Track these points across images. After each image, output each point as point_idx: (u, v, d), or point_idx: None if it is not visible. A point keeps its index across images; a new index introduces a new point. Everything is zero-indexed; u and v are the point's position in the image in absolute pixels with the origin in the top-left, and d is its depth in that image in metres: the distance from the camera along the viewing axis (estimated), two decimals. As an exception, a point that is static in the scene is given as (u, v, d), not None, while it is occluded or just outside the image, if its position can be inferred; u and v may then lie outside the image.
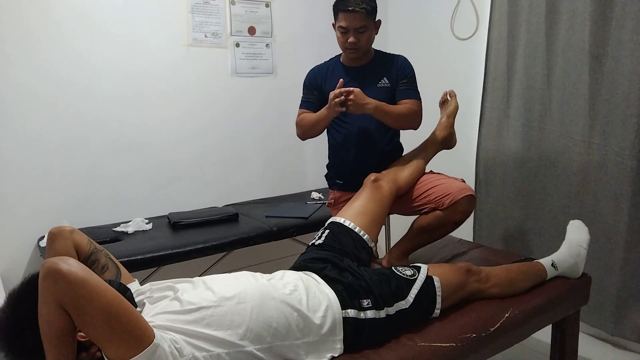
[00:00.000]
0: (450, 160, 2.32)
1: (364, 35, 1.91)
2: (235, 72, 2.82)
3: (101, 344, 1.03)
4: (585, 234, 1.80)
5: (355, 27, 1.88)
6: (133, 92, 2.52)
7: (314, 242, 1.70)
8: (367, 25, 1.89)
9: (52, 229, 1.33)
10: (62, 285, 0.97)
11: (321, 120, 1.95)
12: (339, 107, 1.82)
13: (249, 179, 2.95)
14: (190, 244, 2.15)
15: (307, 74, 2.11)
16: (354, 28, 1.88)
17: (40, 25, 2.25)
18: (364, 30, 1.90)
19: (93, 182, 2.45)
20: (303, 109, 2.08)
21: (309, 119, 2.01)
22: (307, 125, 2.02)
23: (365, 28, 1.89)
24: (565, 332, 1.81)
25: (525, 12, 2.32)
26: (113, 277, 1.38)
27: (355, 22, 1.87)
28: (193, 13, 2.64)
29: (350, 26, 1.88)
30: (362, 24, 1.87)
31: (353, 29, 1.88)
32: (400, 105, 1.97)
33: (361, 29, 1.89)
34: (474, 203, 1.89)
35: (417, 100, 1.99)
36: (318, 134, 2.06)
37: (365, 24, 1.88)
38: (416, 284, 1.48)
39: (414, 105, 1.97)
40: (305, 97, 2.09)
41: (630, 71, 1.95)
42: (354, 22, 1.87)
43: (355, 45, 1.91)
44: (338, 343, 1.33)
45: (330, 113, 1.88)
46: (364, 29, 1.89)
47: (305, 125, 2.02)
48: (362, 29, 1.89)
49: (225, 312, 1.21)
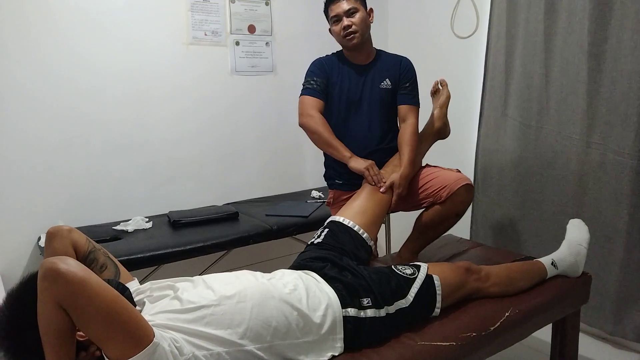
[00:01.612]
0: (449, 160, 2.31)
1: (356, 17, 1.94)
2: (235, 70, 2.81)
3: (101, 343, 1.03)
4: (585, 233, 1.80)
5: (344, 10, 1.93)
6: (132, 91, 2.51)
7: (313, 241, 1.70)
8: (356, 7, 1.95)
9: (50, 229, 1.33)
10: (61, 285, 0.97)
11: (337, 154, 1.96)
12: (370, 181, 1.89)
13: (249, 178, 2.95)
14: (190, 242, 2.15)
15: (313, 62, 2.06)
16: (344, 11, 1.93)
17: (40, 24, 2.24)
18: (355, 11, 1.94)
19: (93, 180, 2.45)
20: (309, 97, 1.98)
21: (328, 138, 1.95)
22: (321, 139, 1.96)
23: (356, 9, 1.95)
24: (566, 331, 1.81)
25: (524, 11, 2.32)
26: (112, 276, 1.38)
27: (344, 5, 1.93)
28: (193, 11, 2.64)
29: (340, 11, 1.93)
30: (350, 6, 1.94)
31: (344, 13, 1.93)
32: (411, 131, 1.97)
33: (351, 10, 1.94)
34: (472, 191, 1.90)
35: (416, 106, 2.03)
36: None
37: (354, 6, 1.94)
38: (416, 282, 1.47)
39: (414, 118, 2.00)
40: (310, 84, 2.00)
41: (630, 70, 1.94)
42: (341, 6, 1.93)
43: (350, 27, 1.93)
44: (338, 342, 1.33)
45: (352, 168, 1.93)
46: (354, 9, 1.94)
47: (320, 138, 1.96)
48: (352, 10, 1.94)
49: (225, 311, 1.21)
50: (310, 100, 1.98)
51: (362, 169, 1.89)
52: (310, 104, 1.98)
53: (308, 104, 1.98)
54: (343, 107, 2.02)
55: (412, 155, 1.93)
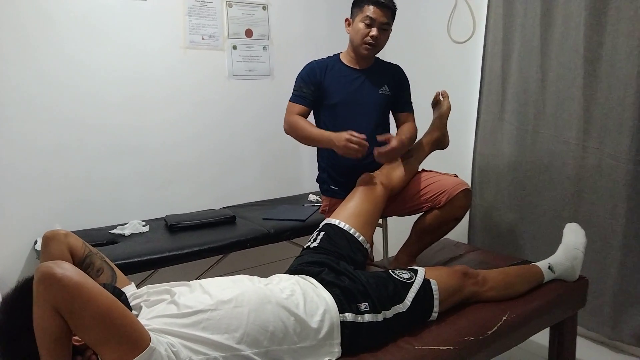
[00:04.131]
0: (446, 164, 2.32)
1: (385, 35, 1.95)
2: (232, 74, 2.82)
3: (97, 347, 1.03)
4: (582, 237, 1.81)
5: (381, 22, 1.90)
6: (130, 95, 2.51)
7: (309, 245, 1.70)
8: (390, 24, 1.94)
9: (47, 233, 1.33)
10: (56, 290, 0.96)
11: (321, 143, 1.92)
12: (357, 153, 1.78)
13: (246, 182, 2.95)
14: (187, 246, 2.15)
15: (305, 67, 2.05)
16: (380, 22, 1.90)
17: (37, 28, 2.24)
18: (387, 28, 1.93)
19: (90, 184, 2.44)
20: (295, 104, 1.99)
21: (307, 131, 1.93)
22: (302, 134, 1.95)
23: (388, 26, 1.94)
24: (563, 335, 1.81)
25: (521, 16, 2.33)
26: (108, 280, 1.37)
27: (384, 17, 1.90)
28: (190, 15, 2.64)
29: (378, 19, 1.90)
30: (388, 20, 1.92)
31: (379, 23, 1.90)
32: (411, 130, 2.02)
33: (385, 25, 1.92)
34: (470, 196, 1.90)
35: (412, 113, 2.11)
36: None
37: (389, 22, 1.93)
38: (413, 287, 1.47)
39: (413, 121, 2.08)
40: (298, 91, 2.01)
41: (626, 75, 1.95)
42: (382, 16, 1.90)
43: (376, 40, 1.92)
44: (335, 347, 1.32)
45: (337, 148, 1.82)
46: (387, 26, 1.93)
47: (300, 134, 1.96)
48: (385, 26, 1.93)
49: (222, 316, 1.20)
50: (294, 108, 2.00)
51: (344, 139, 1.79)
52: (294, 111, 1.99)
53: (291, 111, 2.00)
54: (338, 110, 2.01)
55: (410, 136, 1.98)
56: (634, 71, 1.93)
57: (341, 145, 1.79)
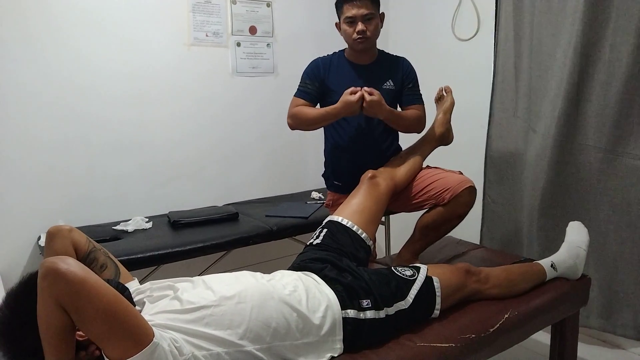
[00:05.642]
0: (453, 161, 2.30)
1: (372, 24, 1.92)
2: (236, 71, 2.82)
3: (100, 342, 1.03)
4: (584, 236, 1.80)
5: (362, 15, 1.89)
6: (133, 91, 2.51)
7: (312, 242, 1.70)
8: (373, 13, 1.92)
9: (51, 228, 1.33)
10: (61, 285, 0.97)
11: (329, 118, 1.91)
12: (357, 105, 1.80)
13: (249, 178, 2.95)
14: (190, 242, 2.15)
15: (310, 63, 2.06)
16: (361, 15, 1.89)
17: (41, 24, 2.24)
18: (371, 17, 1.91)
19: (93, 180, 2.45)
20: (299, 99, 2.00)
21: (312, 115, 1.95)
22: (307, 120, 1.95)
23: (372, 16, 1.92)
24: (565, 333, 1.81)
25: (529, 13, 2.30)
26: (112, 276, 1.38)
27: (362, 10, 1.89)
28: (194, 12, 2.64)
29: (357, 14, 1.89)
30: (368, 11, 1.90)
31: (360, 17, 1.90)
32: (410, 111, 2.01)
33: (368, 15, 1.90)
34: (475, 194, 1.89)
35: (422, 105, 2.06)
36: (314, 130, 2.03)
37: (372, 12, 1.91)
38: (416, 284, 1.47)
39: (420, 112, 2.05)
40: (303, 87, 2.02)
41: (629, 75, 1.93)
42: (360, 9, 1.89)
43: (364, 33, 1.91)
44: (338, 343, 1.33)
45: (342, 111, 1.84)
46: (371, 16, 1.91)
47: (306, 120, 1.96)
48: (368, 16, 1.91)
49: (225, 312, 1.21)
50: (298, 102, 2.00)
51: (349, 94, 1.81)
52: (298, 104, 2.00)
53: (295, 104, 2.01)
54: None
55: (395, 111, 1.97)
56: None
57: (349, 102, 1.81)
